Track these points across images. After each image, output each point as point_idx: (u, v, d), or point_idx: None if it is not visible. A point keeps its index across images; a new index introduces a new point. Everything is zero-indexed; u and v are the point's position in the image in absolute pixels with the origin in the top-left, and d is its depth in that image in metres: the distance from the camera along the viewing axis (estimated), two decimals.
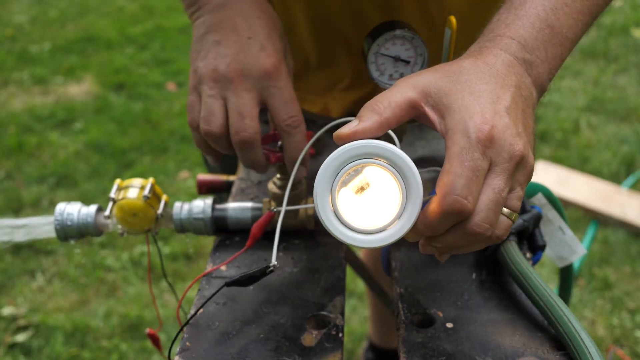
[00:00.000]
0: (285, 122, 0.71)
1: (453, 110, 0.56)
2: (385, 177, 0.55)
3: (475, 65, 0.58)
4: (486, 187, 0.54)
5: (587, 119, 2.79)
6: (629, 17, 3.60)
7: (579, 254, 0.82)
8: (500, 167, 0.54)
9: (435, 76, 0.58)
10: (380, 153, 0.54)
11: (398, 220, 0.55)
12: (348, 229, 0.56)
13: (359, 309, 2.00)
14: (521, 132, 0.56)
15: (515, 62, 0.60)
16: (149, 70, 3.49)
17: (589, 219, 2.24)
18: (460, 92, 0.56)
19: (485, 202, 0.54)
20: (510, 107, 0.56)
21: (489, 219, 0.54)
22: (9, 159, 2.76)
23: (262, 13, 0.74)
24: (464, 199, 0.52)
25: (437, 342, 0.64)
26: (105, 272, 2.16)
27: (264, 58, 0.71)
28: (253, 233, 0.73)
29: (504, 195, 0.54)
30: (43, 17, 4.16)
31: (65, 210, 0.77)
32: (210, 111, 0.71)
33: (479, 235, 0.54)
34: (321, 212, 0.55)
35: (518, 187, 0.57)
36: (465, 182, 0.52)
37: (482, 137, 0.53)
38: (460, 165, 0.53)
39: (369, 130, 0.56)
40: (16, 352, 1.87)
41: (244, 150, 0.72)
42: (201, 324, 0.68)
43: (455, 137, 0.54)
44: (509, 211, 0.56)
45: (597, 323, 1.88)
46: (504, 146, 0.54)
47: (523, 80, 0.60)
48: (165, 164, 2.70)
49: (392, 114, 0.57)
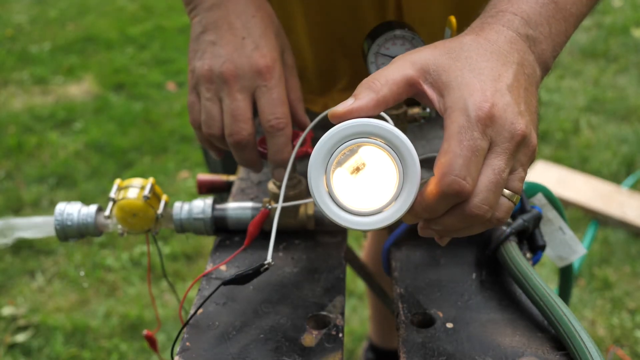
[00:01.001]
0: (269, 122, 0.71)
1: (452, 88, 0.54)
2: (382, 157, 0.53)
3: (477, 42, 0.57)
4: (486, 167, 0.52)
5: (587, 119, 2.79)
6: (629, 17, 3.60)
7: (579, 254, 0.82)
8: (500, 147, 0.52)
9: (434, 53, 0.56)
10: (376, 132, 0.52)
11: (395, 202, 0.53)
12: (343, 210, 0.54)
13: (359, 309, 2.00)
14: (523, 110, 0.54)
15: (518, 39, 0.58)
16: (149, 70, 3.49)
17: (589, 219, 2.24)
18: (460, 69, 0.54)
19: (485, 183, 0.52)
20: (512, 85, 0.54)
21: (489, 201, 0.52)
22: (9, 159, 2.76)
23: (258, 11, 0.74)
24: (462, 180, 0.51)
25: (437, 342, 0.64)
26: (105, 272, 2.16)
27: (258, 57, 0.71)
28: (250, 231, 0.73)
29: (504, 176, 0.53)
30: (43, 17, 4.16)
31: (65, 210, 0.77)
32: (209, 115, 0.72)
33: (478, 217, 0.53)
34: (315, 193, 0.54)
35: (520, 168, 0.55)
36: (463, 162, 0.51)
37: (482, 115, 0.52)
38: (459, 144, 0.51)
39: (365, 109, 0.54)
40: (16, 352, 1.87)
41: (239, 151, 0.73)
42: (201, 324, 0.68)
43: (454, 115, 0.53)
44: (510, 193, 0.54)
45: (597, 323, 1.87)
46: (504, 125, 0.52)
47: (526, 57, 0.58)
48: (165, 164, 2.70)
49: (389, 91, 0.55)
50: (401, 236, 0.78)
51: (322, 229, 0.80)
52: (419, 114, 0.74)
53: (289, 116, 0.73)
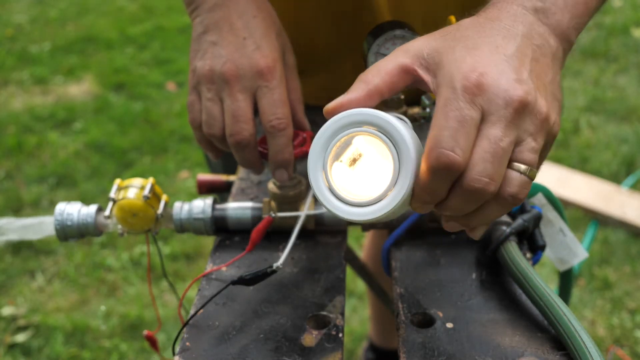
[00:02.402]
0: (270, 123, 0.72)
1: (443, 66, 0.52)
2: (377, 146, 0.53)
3: (475, 22, 0.55)
4: (480, 138, 0.50)
5: (587, 119, 2.79)
6: (629, 17, 3.60)
7: (580, 257, 0.81)
8: (495, 115, 0.50)
9: (429, 38, 0.55)
10: (365, 120, 0.52)
11: (393, 188, 0.52)
12: (345, 203, 0.53)
13: (359, 309, 2.00)
14: (525, 78, 0.51)
15: (524, 12, 0.56)
16: (149, 70, 3.49)
17: (589, 219, 2.23)
18: (453, 47, 0.53)
19: (480, 153, 0.49)
20: (512, 55, 0.52)
21: (487, 172, 0.49)
22: (9, 159, 2.76)
23: (259, 12, 0.74)
24: (450, 151, 0.48)
25: (437, 342, 0.64)
26: (105, 272, 2.16)
27: (259, 58, 0.71)
28: (253, 239, 0.73)
29: (503, 145, 0.49)
30: (43, 17, 4.16)
31: (65, 210, 0.77)
32: (210, 115, 0.72)
33: (479, 192, 0.49)
34: (316, 189, 0.53)
35: (529, 138, 0.51)
36: (450, 133, 0.49)
37: (467, 84, 0.49)
38: (444, 116, 0.49)
39: (356, 101, 0.54)
40: (16, 352, 1.87)
41: (240, 151, 0.73)
42: (201, 324, 0.68)
43: (440, 90, 0.51)
44: (523, 166, 0.51)
45: (597, 323, 1.87)
46: (497, 92, 0.50)
47: (534, 28, 0.55)
48: (165, 164, 2.70)
49: (382, 81, 0.54)
50: (401, 236, 0.78)
51: (322, 229, 0.80)
52: (419, 114, 0.74)
53: (290, 116, 0.73)
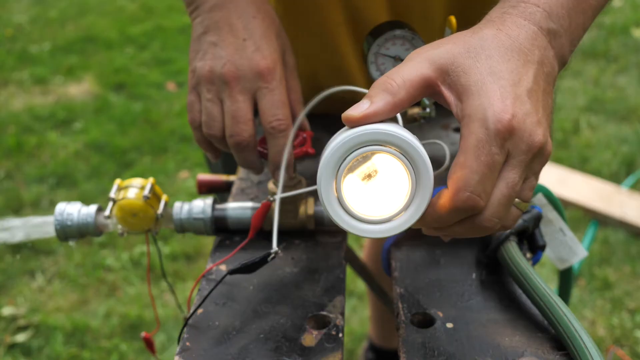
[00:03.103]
0: (270, 124, 0.72)
1: (472, 94, 0.52)
2: (395, 166, 0.52)
3: (497, 39, 0.54)
4: (500, 180, 0.52)
5: (587, 119, 2.79)
6: (629, 17, 3.60)
7: (579, 256, 0.82)
8: (517, 160, 0.51)
9: (453, 51, 0.54)
10: (392, 141, 0.51)
11: (405, 211, 0.52)
12: (352, 217, 0.53)
13: (359, 309, 2.00)
14: (541, 117, 0.53)
15: (540, 34, 0.56)
16: (149, 70, 3.48)
17: (589, 219, 2.23)
18: (480, 71, 0.52)
19: (498, 197, 0.51)
20: (532, 89, 0.53)
21: (500, 214, 0.52)
22: (9, 159, 2.76)
23: (258, 12, 0.74)
24: (477, 196, 0.50)
25: (437, 342, 0.64)
26: (105, 272, 2.15)
27: (259, 59, 0.72)
28: (253, 224, 0.73)
29: (517, 189, 0.52)
30: (43, 17, 4.16)
31: (65, 210, 0.77)
32: (210, 116, 0.73)
33: (487, 229, 0.53)
34: (324, 198, 0.52)
35: (532, 177, 0.54)
36: (480, 178, 0.50)
37: (501, 128, 0.50)
38: (477, 159, 0.50)
39: (381, 113, 0.52)
40: (16, 352, 1.87)
41: (240, 152, 0.73)
42: (201, 324, 0.68)
43: (472, 126, 0.51)
44: (519, 201, 0.54)
45: (597, 323, 1.87)
46: (523, 137, 0.51)
47: (546, 54, 0.56)
48: (165, 164, 2.70)
49: (407, 94, 0.53)
50: (401, 236, 0.78)
51: (322, 229, 0.80)
52: (419, 114, 0.74)
53: (290, 117, 0.73)
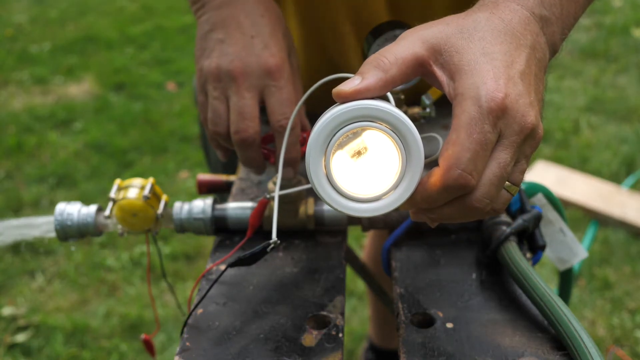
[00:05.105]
0: (278, 122, 0.72)
1: (464, 73, 0.51)
2: (385, 143, 0.51)
3: (490, 22, 0.54)
4: (492, 160, 0.51)
5: (587, 119, 2.79)
6: (629, 17, 3.60)
7: (579, 257, 0.81)
8: (508, 140, 0.51)
9: (446, 31, 0.53)
10: (383, 117, 0.50)
11: (394, 190, 0.51)
12: (341, 195, 0.52)
13: (359, 309, 2.00)
14: (533, 100, 0.52)
15: (532, 19, 0.56)
16: (149, 70, 3.48)
17: (589, 219, 2.23)
18: (473, 51, 0.52)
19: (489, 176, 0.51)
20: (524, 71, 0.52)
21: (490, 194, 0.51)
22: (9, 159, 2.76)
23: (266, 11, 0.74)
24: (468, 174, 0.49)
25: (437, 342, 0.64)
26: (105, 272, 2.15)
27: (267, 57, 0.71)
28: (251, 223, 0.73)
29: (508, 170, 0.52)
30: (43, 17, 4.16)
31: (65, 210, 0.77)
32: (215, 113, 0.72)
33: (478, 210, 0.52)
34: (313, 175, 0.51)
35: (523, 160, 0.53)
36: (471, 156, 0.49)
37: (494, 107, 0.49)
38: (469, 137, 0.49)
39: (373, 89, 0.51)
40: (16, 352, 1.87)
41: (243, 149, 0.73)
42: (201, 324, 0.68)
43: (465, 104, 0.50)
44: (510, 184, 0.53)
45: (597, 323, 1.87)
46: (515, 117, 0.50)
47: (538, 40, 0.56)
48: (165, 164, 2.70)
49: (398, 71, 0.52)
50: (401, 236, 0.78)
51: (322, 229, 0.80)
52: (419, 114, 0.74)
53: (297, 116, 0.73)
